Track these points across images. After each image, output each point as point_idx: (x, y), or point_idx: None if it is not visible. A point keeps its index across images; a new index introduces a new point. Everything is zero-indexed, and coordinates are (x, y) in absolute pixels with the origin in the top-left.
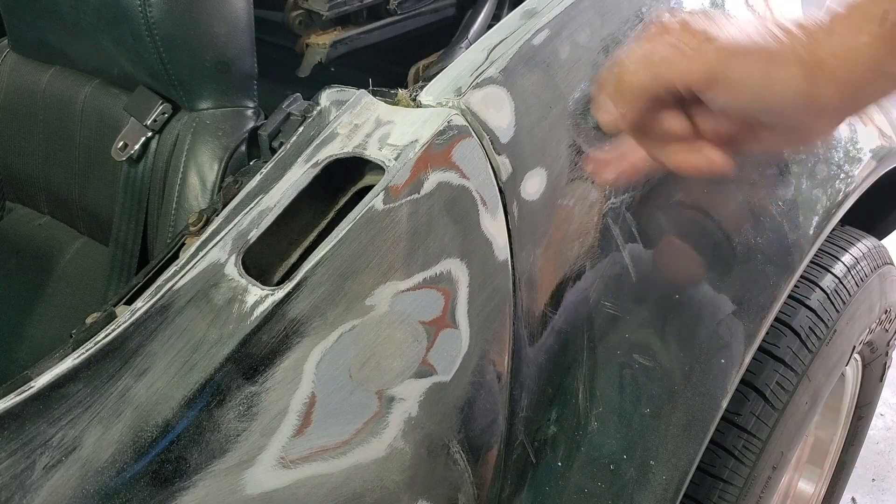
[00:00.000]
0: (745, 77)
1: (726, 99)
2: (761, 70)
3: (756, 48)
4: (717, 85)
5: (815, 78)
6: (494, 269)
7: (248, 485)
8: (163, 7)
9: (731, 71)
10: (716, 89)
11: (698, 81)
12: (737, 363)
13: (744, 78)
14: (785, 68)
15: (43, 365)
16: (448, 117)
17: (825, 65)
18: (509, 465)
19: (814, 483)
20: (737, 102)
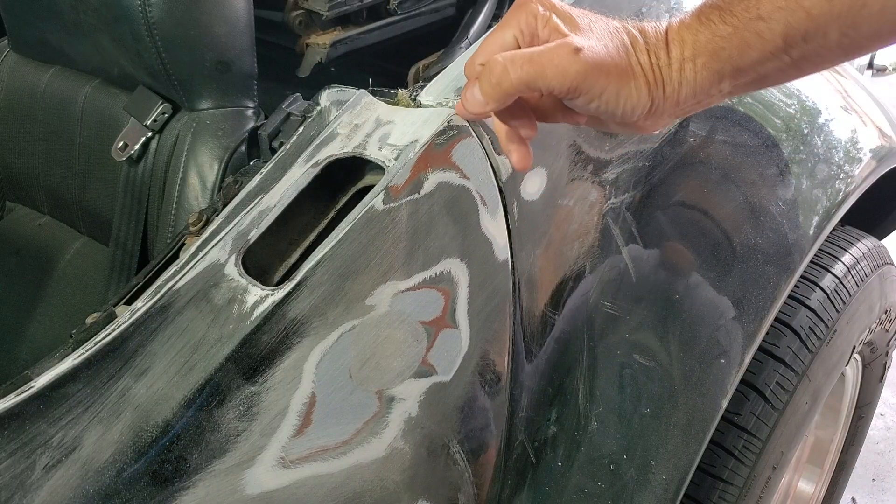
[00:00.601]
0: (601, 91)
1: (583, 104)
2: (615, 87)
3: (613, 65)
4: (578, 95)
5: (654, 95)
6: (494, 269)
7: (248, 485)
8: (163, 7)
9: (591, 86)
10: (576, 98)
11: (562, 91)
12: (737, 363)
13: (600, 92)
14: (635, 87)
15: (43, 365)
16: (448, 117)
17: (663, 86)
18: (509, 465)
19: (814, 483)
20: (592, 108)
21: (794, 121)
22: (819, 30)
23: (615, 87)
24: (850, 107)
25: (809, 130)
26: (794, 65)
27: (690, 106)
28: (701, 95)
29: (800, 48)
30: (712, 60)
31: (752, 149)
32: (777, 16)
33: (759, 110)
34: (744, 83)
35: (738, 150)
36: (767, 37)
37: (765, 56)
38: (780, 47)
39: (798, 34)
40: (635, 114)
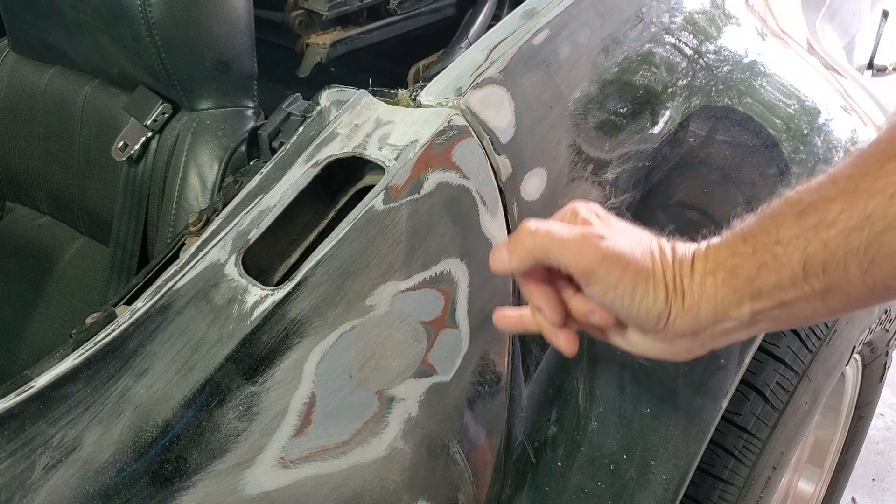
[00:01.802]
0: (617, 283)
1: (597, 293)
2: (631, 282)
3: (633, 260)
4: (593, 280)
5: (672, 304)
6: None
7: (248, 485)
8: (163, 7)
9: (607, 273)
10: (591, 284)
11: (578, 271)
12: (737, 363)
13: (616, 283)
14: (653, 288)
15: (43, 365)
16: (448, 117)
17: (683, 295)
18: (509, 465)
19: (814, 483)
20: (606, 299)
21: (794, 121)
22: (838, 262)
23: (631, 282)
24: (850, 107)
25: (809, 130)
26: (820, 297)
27: (711, 329)
28: (721, 316)
29: (820, 279)
30: (731, 277)
31: (752, 149)
32: (795, 243)
33: (759, 110)
34: (767, 310)
35: (738, 150)
36: (784, 261)
37: (783, 281)
38: (798, 275)
39: (817, 263)
40: (650, 318)
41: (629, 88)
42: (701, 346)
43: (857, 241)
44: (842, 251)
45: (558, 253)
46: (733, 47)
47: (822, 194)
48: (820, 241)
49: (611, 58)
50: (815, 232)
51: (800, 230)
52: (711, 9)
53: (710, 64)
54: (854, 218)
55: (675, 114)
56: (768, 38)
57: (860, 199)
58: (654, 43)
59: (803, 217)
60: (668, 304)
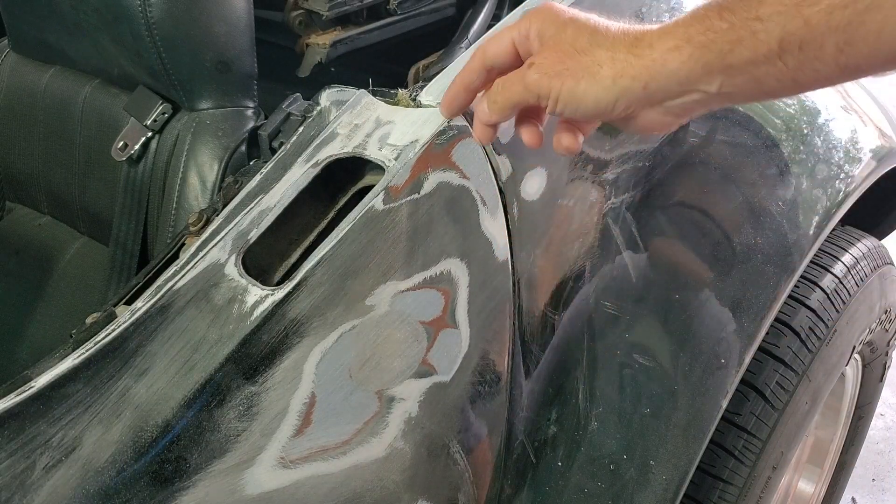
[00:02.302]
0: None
1: (553, 110)
2: (570, 88)
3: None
4: (544, 101)
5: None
6: (494, 269)
7: (248, 485)
8: (163, 7)
9: (547, 90)
10: (546, 103)
11: (531, 99)
12: (737, 363)
13: (557, 95)
14: (591, 82)
15: (43, 365)
16: None
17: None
18: (509, 465)
19: (814, 483)
20: (561, 112)
21: (794, 121)
22: (815, 40)
23: (569, 85)
24: (850, 107)
25: (809, 130)
26: (791, 75)
27: (680, 101)
28: (687, 88)
29: (795, 56)
30: (702, 51)
31: (752, 149)
32: (775, 19)
33: (759, 110)
34: (738, 85)
35: (738, 150)
36: (762, 38)
37: (758, 57)
38: (774, 51)
39: (794, 40)
40: (601, 106)
41: None
42: (674, 116)
43: (838, 19)
44: (822, 29)
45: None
46: None
47: None
48: (801, 17)
49: None
50: (798, 9)
51: (782, 6)
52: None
53: None
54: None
55: None
56: None
57: None
58: None
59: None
60: (621, 88)
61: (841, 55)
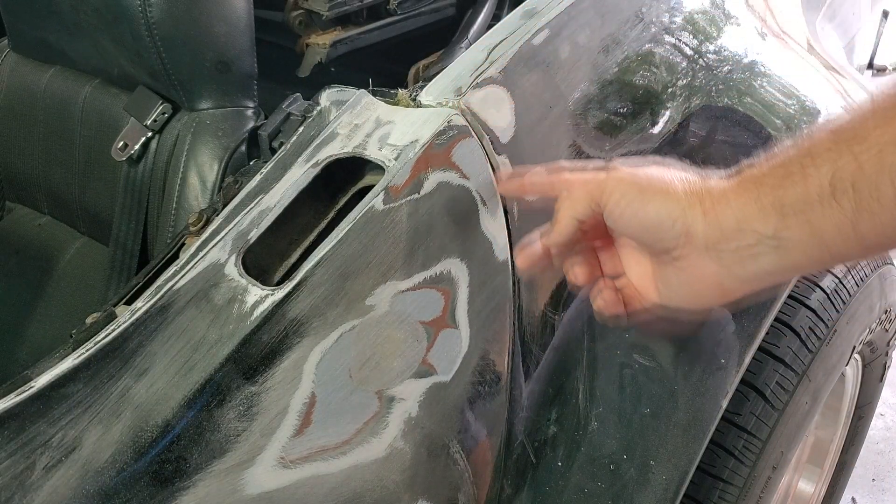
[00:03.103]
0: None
1: (615, 215)
2: (642, 193)
3: (645, 178)
4: (612, 203)
5: (687, 210)
6: (494, 269)
7: (248, 485)
8: (163, 7)
9: (620, 191)
10: (611, 207)
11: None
12: (737, 363)
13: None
14: (663, 195)
15: (43, 365)
16: (448, 117)
17: (700, 201)
18: (509, 465)
19: (814, 483)
20: (623, 218)
21: (794, 121)
22: (869, 179)
23: (641, 194)
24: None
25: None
26: (850, 221)
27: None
28: (743, 225)
29: (850, 198)
30: (754, 187)
31: (752, 149)
32: (825, 155)
33: (759, 110)
34: (793, 229)
35: (738, 150)
36: (812, 173)
37: (810, 195)
38: (826, 189)
39: (846, 178)
40: (664, 225)
41: (629, 88)
42: (729, 273)
43: (889, 157)
44: (873, 167)
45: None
46: (733, 47)
47: (857, 114)
48: (851, 154)
49: (611, 58)
50: (848, 146)
51: (831, 143)
52: (711, 9)
53: (710, 64)
54: (888, 133)
55: (675, 114)
56: (768, 38)
57: (895, 117)
58: (654, 43)
59: (836, 133)
60: (683, 210)
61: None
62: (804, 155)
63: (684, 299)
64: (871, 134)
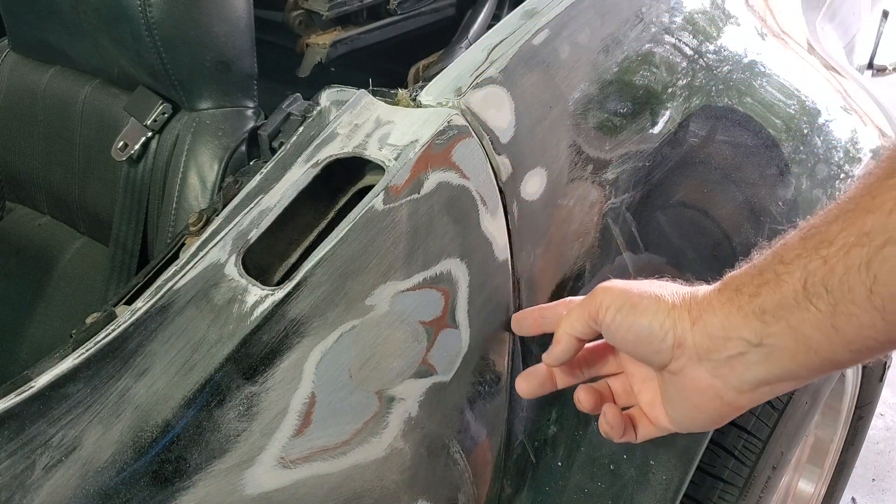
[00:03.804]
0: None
1: (609, 327)
2: (633, 303)
3: (637, 291)
4: (603, 314)
5: (676, 319)
6: (494, 269)
7: (248, 485)
8: (163, 7)
9: (610, 302)
10: (604, 319)
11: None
12: None
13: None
14: (652, 304)
15: (43, 365)
16: (448, 117)
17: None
18: (509, 465)
19: (814, 483)
20: (616, 329)
21: (794, 121)
22: (840, 281)
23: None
24: (850, 107)
25: (809, 130)
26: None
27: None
28: (730, 333)
29: (825, 300)
30: (735, 295)
31: (752, 149)
32: (797, 262)
33: (759, 110)
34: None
35: (738, 150)
36: (786, 279)
37: (786, 300)
38: (800, 292)
39: (818, 281)
40: (655, 335)
41: (629, 88)
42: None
43: (857, 258)
44: (841, 268)
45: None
46: (733, 47)
47: (825, 217)
48: (820, 258)
49: (611, 58)
50: (816, 250)
51: (802, 249)
52: (711, 9)
53: (710, 64)
54: (853, 234)
55: (675, 114)
56: (768, 38)
57: (858, 216)
58: (654, 43)
59: (806, 239)
60: (673, 321)
61: (874, 296)
62: (777, 262)
63: (689, 417)
64: (838, 237)
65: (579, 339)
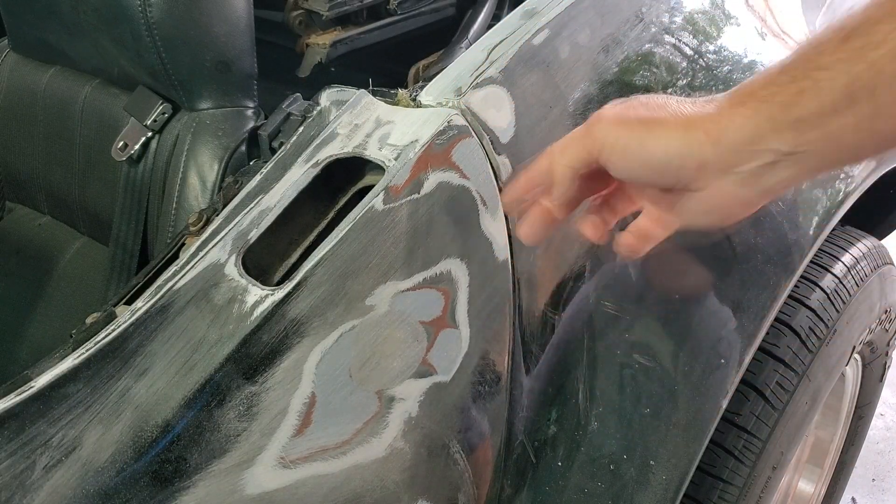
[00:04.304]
0: (626, 143)
1: (617, 165)
2: (638, 135)
3: (637, 119)
4: (608, 153)
5: (693, 139)
6: (494, 269)
7: (248, 485)
8: (163, 7)
9: (613, 139)
10: (609, 157)
11: (595, 153)
12: (737, 363)
13: (624, 143)
14: (660, 131)
15: (43, 365)
16: (448, 117)
17: (705, 129)
18: (509, 465)
19: (814, 483)
20: (626, 166)
21: None
22: (887, 83)
23: (637, 134)
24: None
25: None
26: (868, 124)
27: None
28: (757, 143)
29: (868, 104)
30: (765, 105)
31: None
32: (838, 66)
33: None
34: (812, 142)
35: None
36: (826, 86)
37: (825, 107)
38: (842, 100)
39: (864, 87)
40: (671, 157)
41: (629, 88)
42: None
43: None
44: (891, 70)
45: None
46: (733, 47)
47: (868, 16)
48: (866, 62)
49: (611, 58)
50: (861, 53)
51: (843, 53)
52: (711, 9)
53: (710, 64)
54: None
55: None
56: (768, 38)
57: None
58: (654, 43)
59: (848, 41)
60: (689, 145)
61: None
62: (813, 68)
63: (711, 221)
64: (888, 38)
65: (577, 171)
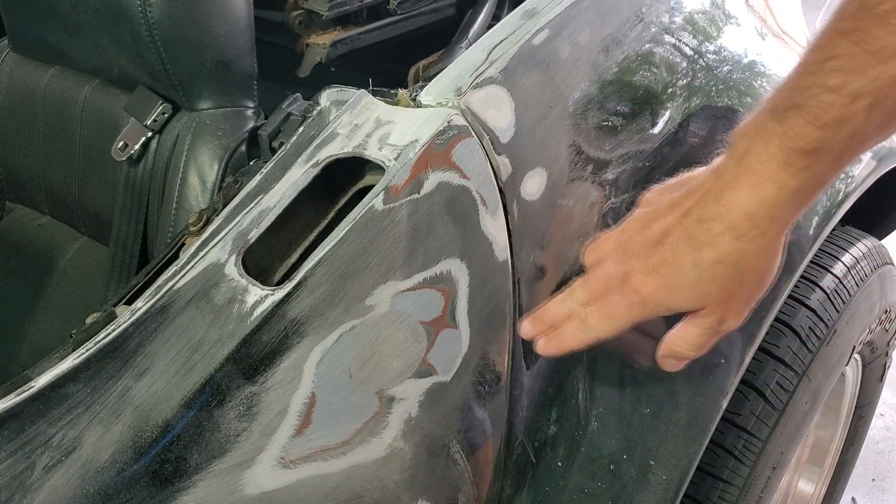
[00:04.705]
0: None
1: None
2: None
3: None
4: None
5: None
6: (494, 269)
7: (248, 485)
8: (163, 7)
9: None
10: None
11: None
12: (737, 363)
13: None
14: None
15: (43, 365)
16: (448, 117)
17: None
18: (509, 465)
19: (814, 483)
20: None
21: None
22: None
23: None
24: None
25: None
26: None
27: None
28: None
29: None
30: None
31: None
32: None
33: None
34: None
35: None
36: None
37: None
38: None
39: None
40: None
41: (629, 88)
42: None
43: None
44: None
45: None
46: (733, 47)
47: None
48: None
49: (611, 58)
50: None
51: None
52: (711, 9)
53: (710, 64)
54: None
55: (675, 114)
56: (768, 38)
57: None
58: (654, 43)
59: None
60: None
61: None
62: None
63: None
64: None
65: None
